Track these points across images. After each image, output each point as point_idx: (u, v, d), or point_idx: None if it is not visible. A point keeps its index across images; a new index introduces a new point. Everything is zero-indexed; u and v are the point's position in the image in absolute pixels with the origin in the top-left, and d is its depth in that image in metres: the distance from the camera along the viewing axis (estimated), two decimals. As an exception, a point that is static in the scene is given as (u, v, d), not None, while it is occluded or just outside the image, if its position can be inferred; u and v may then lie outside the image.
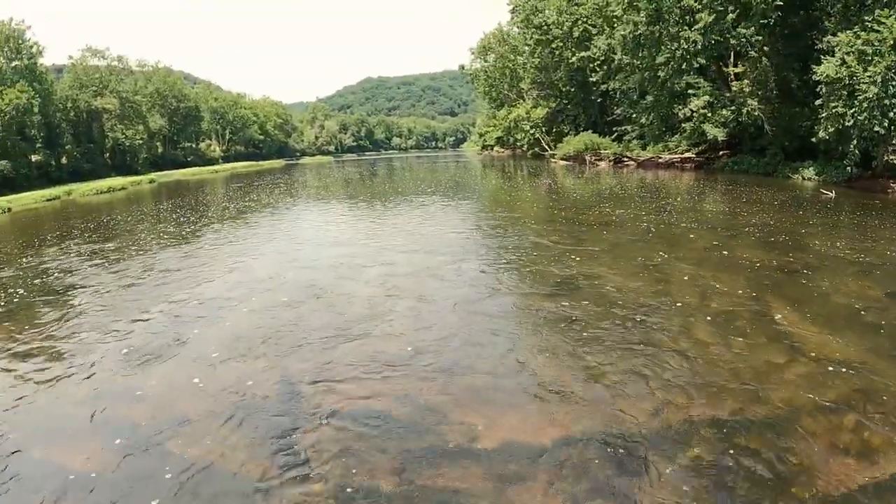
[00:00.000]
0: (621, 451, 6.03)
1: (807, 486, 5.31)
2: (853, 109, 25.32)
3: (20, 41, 56.87)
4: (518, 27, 72.61)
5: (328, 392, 7.65)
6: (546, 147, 68.14)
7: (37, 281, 15.13)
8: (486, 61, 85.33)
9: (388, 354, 8.86)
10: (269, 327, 10.30)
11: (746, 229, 17.78)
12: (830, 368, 7.59)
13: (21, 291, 14.07)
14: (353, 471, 5.88)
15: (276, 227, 24.10)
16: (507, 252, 16.26)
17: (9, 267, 17.24)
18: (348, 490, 5.59)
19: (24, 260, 18.22)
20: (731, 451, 5.89)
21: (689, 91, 40.29)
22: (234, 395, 7.68)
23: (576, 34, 57.72)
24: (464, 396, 7.45)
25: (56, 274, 15.81)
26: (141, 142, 76.58)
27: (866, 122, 24.86)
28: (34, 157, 56.51)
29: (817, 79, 27.45)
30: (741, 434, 6.21)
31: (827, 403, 6.74)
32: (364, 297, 12.08)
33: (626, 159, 50.56)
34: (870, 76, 24.40)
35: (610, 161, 52.30)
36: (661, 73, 40.42)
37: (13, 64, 55.91)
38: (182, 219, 27.28)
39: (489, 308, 11.03)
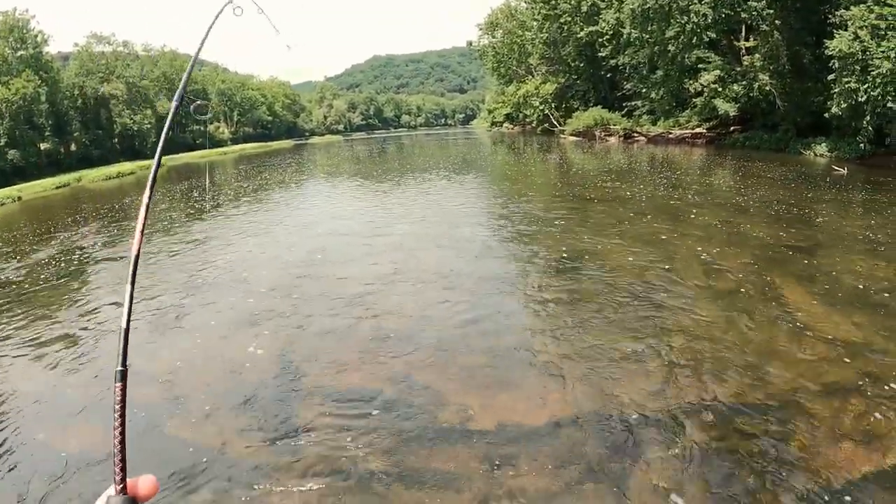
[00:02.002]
0: (616, 433, 5.93)
1: (807, 474, 5.13)
2: (866, 85, 24.78)
3: (25, 31, 56.73)
4: (526, 2, 71.72)
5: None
6: (555, 123, 67.49)
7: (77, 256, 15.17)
8: (494, 37, 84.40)
9: (388, 330, 9.06)
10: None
11: (755, 205, 17.54)
12: (836, 350, 7.40)
13: (56, 269, 14.08)
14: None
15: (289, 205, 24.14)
16: (510, 227, 16.42)
17: (44, 247, 17.20)
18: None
19: (54, 240, 18.20)
20: (730, 436, 5.76)
21: (700, 65, 39.66)
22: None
23: (584, 8, 56.76)
24: (461, 375, 7.47)
25: (91, 250, 15.91)
26: (149, 126, 76.41)
27: (880, 98, 24.34)
28: (43, 146, 56.67)
29: (830, 53, 26.82)
30: (741, 417, 6.06)
31: (832, 386, 6.57)
32: (362, 276, 12.31)
33: (636, 135, 49.98)
34: (883, 51, 23.82)
35: (620, 137, 51.72)
36: (670, 48, 39.73)
37: (18, 54, 55.83)
38: (196, 201, 27.32)
39: (488, 284, 11.13)
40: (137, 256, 1.32)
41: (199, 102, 1.74)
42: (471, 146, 67.19)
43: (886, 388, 6.44)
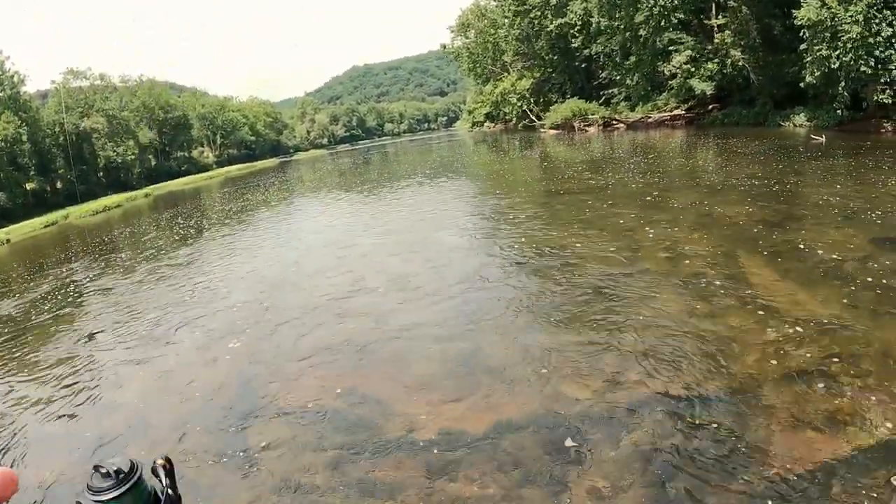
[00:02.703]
0: (561, 435, 5.73)
1: (762, 466, 4.90)
2: (837, 51, 24.96)
3: (0, 73, 56.55)
4: (495, 0, 71.91)
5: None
6: (535, 118, 67.62)
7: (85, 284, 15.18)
8: (467, 38, 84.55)
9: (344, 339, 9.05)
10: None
11: (729, 184, 17.44)
12: (803, 330, 7.08)
13: (50, 304, 14.09)
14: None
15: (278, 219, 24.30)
16: (476, 227, 16.55)
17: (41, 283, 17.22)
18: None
19: (53, 275, 18.18)
20: (682, 430, 5.50)
21: (672, 47, 39.83)
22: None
23: (553, 1, 57.02)
24: (412, 383, 7.41)
25: (82, 283, 15.87)
26: (133, 157, 76.11)
27: (852, 62, 24.51)
28: (29, 186, 56.45)
29: (799, 23, 27.01)
30: (695, 410, 5.80)
31: (795, 370, 6.25)
32: (333, 284, 12.51)
33: (615, 122, 50.12)
34: (851, 16, 24.00)
35: (599, 126, 51.82)
36: (641, 32, 40.02)
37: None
38: (180, 226, 27.31)
39: (449, 288, 11.03)
40: None
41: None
42: (452, 148, 66.84)
43: (851, 368, 6.17)
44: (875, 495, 4.41)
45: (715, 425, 5.55)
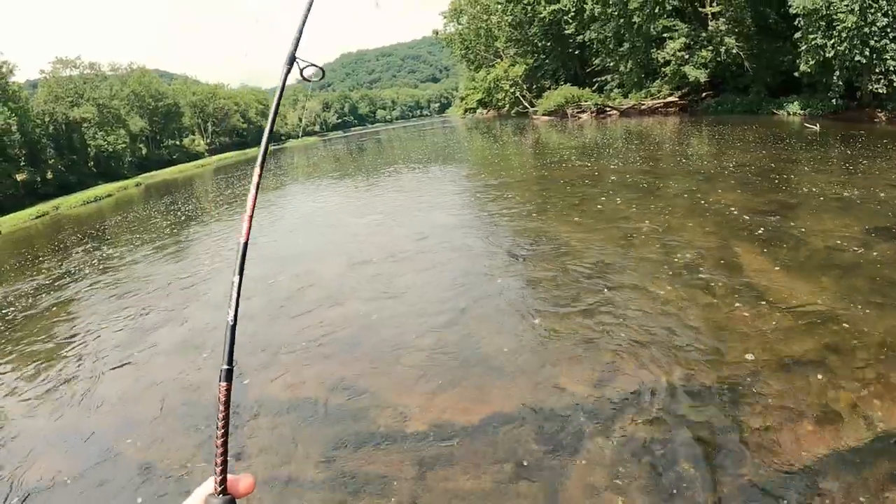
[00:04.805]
0: (554, 428, 5.70)
1: (756, 459, 4.86)
2: (833, 40, 24.91)
3: (-11, 63, 56.02)
4: (487, -15, 71.47)
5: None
6: (527, 104, 67.37)
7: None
8: (459, 24, 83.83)
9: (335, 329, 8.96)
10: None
11: (723, 172, 17.40)
12: (799, 320, 7.04)
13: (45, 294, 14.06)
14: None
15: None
16: (467, 216, 16.62)
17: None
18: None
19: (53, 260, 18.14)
20: (675, 423, 5.48)
21: (666, 34, 39.68)
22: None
23: (546, -13, 56.75)
24: (403, 375, 7.40)
25: (77, 273, 15.83)
26: (124, 146, 75.63)
27: (847, 52, 24.48)
28: (20, 177, 56.07)
29: (794, 11, 26.93)
30: (690, 402, 5.77)
31: (789, 361, 6.21)
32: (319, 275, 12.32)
33: (608, 109, 49.93)
34: (847, 5, 23.92)
35: (592, 112, 51.62)
36: (635, 19, 39.82)
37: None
38: (180, 212, 27.23)
39: (440, 278, 11.12)
40: (246, 244, 1.27)
41: (310, 65, 1.53)
42: (444, 135, 66.96)
43: (848, 358, 6.12)
44: (872, 489, 4.41)
45: (710, 416, 5.53)
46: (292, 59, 1.51)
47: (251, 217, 1.29)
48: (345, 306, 10.37)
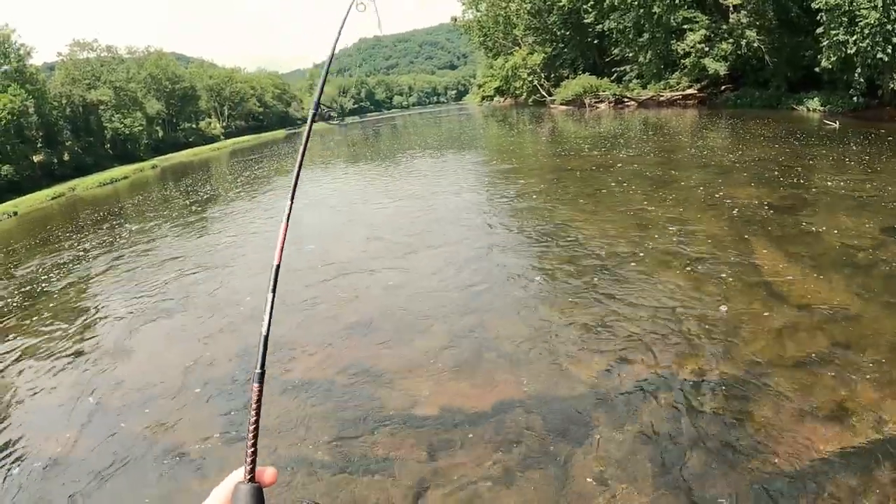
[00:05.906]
0: (565, 415, 5.73)
1: (765, 455, 4.83)
2: (855, 37, 24.49)
3: (7, 46, 56.16)
4: (507, -27, 70.79)
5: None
6: (545, 93, 66.89)
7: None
8: (478, 11, 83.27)
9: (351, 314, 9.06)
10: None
11: (741, 166, 17.30)
12: (812, 317, 7.04)
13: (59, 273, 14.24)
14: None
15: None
16: (487, 203, 16.79)
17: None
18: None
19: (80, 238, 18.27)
20: (685, 415, 5.49)
21: (686, 26, 39.19)
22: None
23: (566, -25, 56.13)
24: (418, 358, 7.44)
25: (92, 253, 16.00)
26: (140, 128, 75.91)
27: (869, 49, 24.05)
28: (36, 158, 56.49)
29: (816, 6, 26.50)
30: (701, 396, 5.78)
31: (801, 358, 6.21)
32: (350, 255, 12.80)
33: (626, 100, 49.52)
34: (870, 1, 23.48)
35: (610, 103, 51.21)
36: (655, 9, 39.36)
37: (2, 69, 55.32)
38: (197, 193, 27.36)
39: (456, 262, 11.25)
40: (278, 266, 1.30)
41: (329, 110, 1.57)
42: (461, 122, 66.86)
43: (859, 357, 6.10)
44: (878, 490, 4.39)
45: (720, 411, 5.54)
46: (317, 105, 1.62)
47: (283, 242, 1.33)
48: (358, 287, 10.56)
